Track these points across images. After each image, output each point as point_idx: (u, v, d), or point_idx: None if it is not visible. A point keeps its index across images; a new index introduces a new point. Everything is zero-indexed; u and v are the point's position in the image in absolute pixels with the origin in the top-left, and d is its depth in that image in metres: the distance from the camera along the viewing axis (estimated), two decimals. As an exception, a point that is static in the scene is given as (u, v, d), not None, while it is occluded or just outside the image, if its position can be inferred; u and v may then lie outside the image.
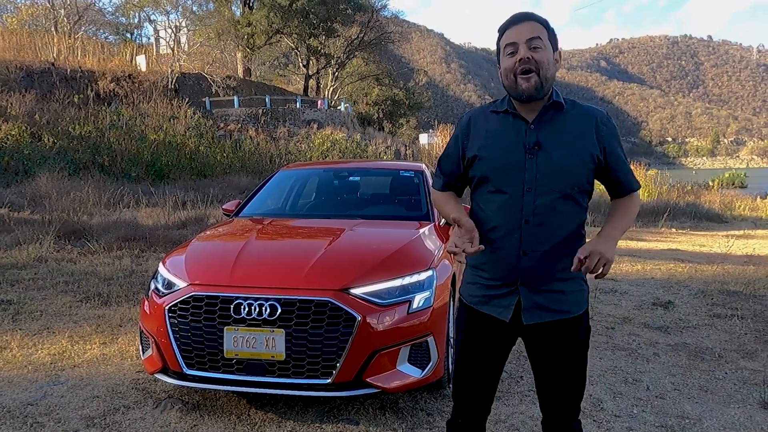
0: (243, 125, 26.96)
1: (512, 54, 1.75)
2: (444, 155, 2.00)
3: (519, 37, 1.75)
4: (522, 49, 1.73)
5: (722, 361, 3.99)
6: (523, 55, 1.73)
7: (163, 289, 3.10)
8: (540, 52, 1.73)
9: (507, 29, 1.79)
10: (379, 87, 45.19)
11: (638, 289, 6.16)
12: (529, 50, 1.73)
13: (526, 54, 1.72)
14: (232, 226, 4.04)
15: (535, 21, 1.77)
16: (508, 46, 1.76)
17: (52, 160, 14.59)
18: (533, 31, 1.74)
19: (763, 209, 18.11)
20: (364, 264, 3.08)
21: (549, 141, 1.78)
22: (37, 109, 18.12)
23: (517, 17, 1.79)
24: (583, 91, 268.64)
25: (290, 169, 5.23)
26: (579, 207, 1.81)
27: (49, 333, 4.34)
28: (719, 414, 3.18)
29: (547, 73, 1.74)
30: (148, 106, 22.65)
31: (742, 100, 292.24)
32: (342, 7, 36.65)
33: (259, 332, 2.77)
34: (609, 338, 4.46)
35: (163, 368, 2.99)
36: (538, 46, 1.73)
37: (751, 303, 5.46)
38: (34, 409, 3.10)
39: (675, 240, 11.00)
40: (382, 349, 2.81)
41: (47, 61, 23.95)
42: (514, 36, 1.76)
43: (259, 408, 3.10)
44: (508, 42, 1.77)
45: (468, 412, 1.98)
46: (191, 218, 9.72)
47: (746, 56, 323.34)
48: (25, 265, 6.42)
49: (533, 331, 1.85)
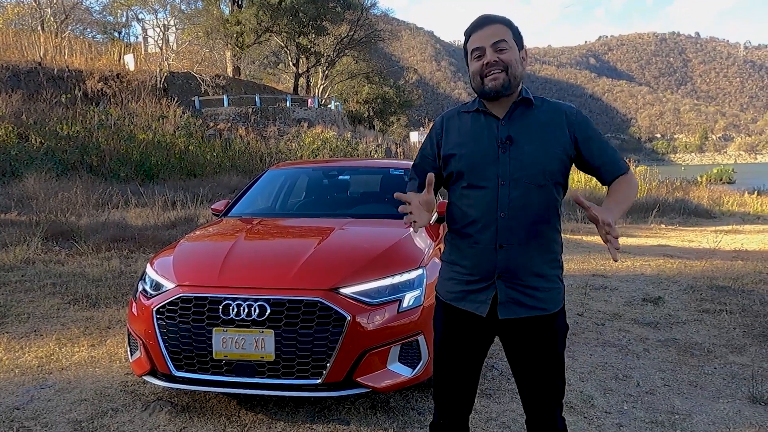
0: (233, 124, 26.84)
1: (479, 57, 1.82)
2: (420, 157, 2.04)
3: (485, 41, 1.81)
4: (488, 52, 1.80)
5: (711, 356, 4.02)
6: (489, 59, 1.79)
7: (150, 290, 3.07)
8: (506, 53, 1.80)
9: (473, 33, 1.85)
10: (369, 85, 45.19)
11: (628, 285, 6.19)
12: (495, 53, 1.79)
13: (492, 58, 1.79)
14: (220, 226, 4.01)
15: (499, 23, 1.83)
16: (475, 50, 1.83)
17: (40, 160, 14.42)
18: (498, 35, 1.80)
19: (751, 204, 18.25)
20: (354, 263, 3.06)
21: (520, 135, 1.82)
22: (24, 109, 17.92)
23: (481, 21, 1.84)
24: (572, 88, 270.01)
25: (279, 168, 5.20)
26: (553, 199, 1.84)
27: (37, 336, 4.29)
28: (708, 409, 3.20)
29: (515, 71, 1.81)
30: (137, 105, 22.48)
31: (729, 96, 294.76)
32: (332, 5, 36.57)
33: (249, 333, 2.75)
34: (599, 334, 4.47)
35: (151, 370, 2.96)
36: (504, 48, 1.80)
37: (739, 298, 5.50)
38: (21, 414, 3.06)
39: (664, 236, 11.06)
40: (373, 348, 2.80)
41: (34, 60, 23.72)
42: (480, 40, 1.82)
43: (249, 409, 3.08)
44: (475, 46, 1.83)
45: (449, 412, 1.98)
46: (181, 218, 9.65)
47: (733, 53, 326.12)
48: (12, 267, 6.35)
49: (509, 328, 1.86)
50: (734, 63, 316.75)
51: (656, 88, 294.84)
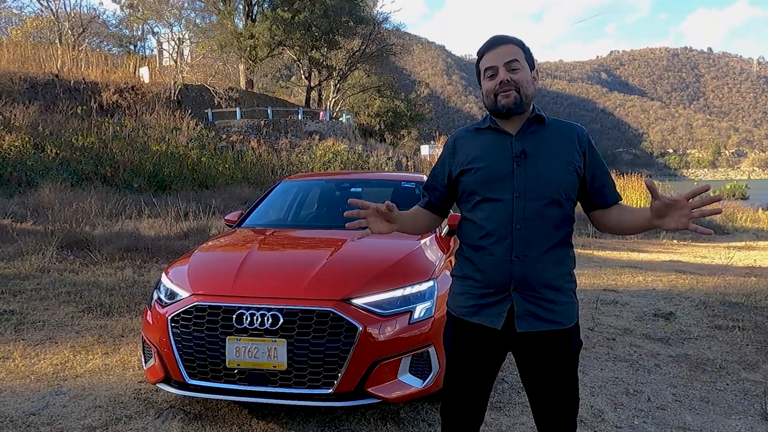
0: (245, 136, 27.09)
1: (492, 77, 1.86)
2: (431, 176, 2.09)
3: (498, 60, 1.85)
4: (501, 71, 1.84)
5: (723, 373, 3.99)
6: (503, 77, 1.84)
7: (165, 299, 3.12)
8: (519, 73, 1.84)
9: (486, 53, 1.89)
10: (380, 99, 45.39)
11: (639, 300, 6.16)
12: (508, 72, 1.83)
13: (505, 77, 1.83)
14: (234, 236, 4.07)
15: (512, 44, 1.87)
16: (488, 69, 1.87)
17: (55, 170, 14.63)
18: (511, 54, 1.85)
19: (765, 221, 18.09)
20: (366, 274, 3.09)
21: (534, 150, 1.86)
22: (41, 120, 18.21)
23: (494, 41, 1.88)
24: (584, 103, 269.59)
25: (292, 180, 5.26)
26: (566, 214, 1.87)
27: (52, 343, 4.35)
28: (720, 425, 3.18)
29: (527, 90, 1.85)
30: (151, 117, 22.77)
31: (742, 111, 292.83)
32: (344, 20, 36.92)
33: (261, 342, 2.78)
34: (610, 349, 4.46)
35: (165, 378, 3.00)
36: (517, 68, 1.84)
37: (752, 314, 5.46)
38: (37, 419, 3.11)
39: (676, 251, 10.99)
40: (384, 359, 2.82)
41: (51, 72, 24.12)
42: (493, 60, 1.86)
43: (261, 418, 3.10)
44: (488, 66, 1.87)
45: (458, 428, 1.97)
46: (193, 229, 9.74)
47: (746, 68, 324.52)
48: (27, 275, 6.44)
49: (524, 342, 1.85)
50: (747, 78, 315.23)
51: (668, 103, 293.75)
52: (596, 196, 1.93)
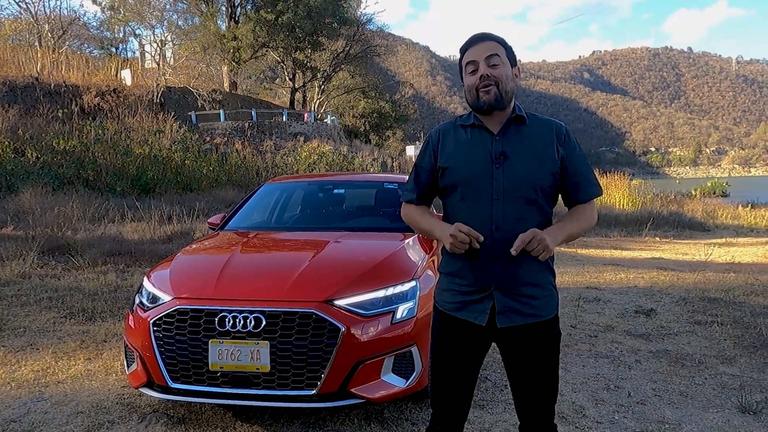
0: (229, 139, 26.94)
1: (473, 72, 1.89)
2: (418, 168, 2.07)
3: (478, 55, 1.89)
4: (482, 66, 1.88)
5: (702, 367, 4.06)
6: (483, 71, 1.87)
7: (147, 303, 3.11)
8: (498, 69, 1.88)
9: (467, 49, 1.92)
10: (365, 100, 45.40)
11: (621, 297, 6.25)
12: (488, 67, 1.87)
13: (486, 71, 1.87)
14: (217, 239, 4.06)
15: (493, 40, 1.91)
16: (469, 64, 1.90)
17: (36, 175, 14.42)
18: (491, 49, 1.89)
19: (745, 218, 18.37)
20: (348, 275, 3.11)
21: (514, 151, 1.89)
22: (21, 124, 17.95)
23: (475, 38, 1.92)
24: (567, 103, 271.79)
25: (276, 182, 5.26)
26: (545, 212, 1.91)
27: (33, 349, 4.31)
28: (698, 419, 3.24)
29: (506, 86, 1.88)
30: (134, 120, 22.55)
31: (722, 110, 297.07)
32: (328, 21, 36.90)
33: (244, 345, 2.78)
34: (592, 346, 4.52)
35: (148, 382, 2.99)
36: (497, 63, 1.88)
37: (730, 310, 5.56)
38: (18, 426, 3.08)
39: (658, 249, 11.14)
40: (367, 359, 2.84)
41: (31, 75, 23.81)
42: (474, 55, 1.90)
43: (245, 420, 3.11)
44: (469, 60, 1.91)
45: (445, 418, 2.03)
46: (177, 232, 9.67)
47: (726, 67, 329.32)
48: (8, 281, 6.36)
49: (507, 335, 1.91)
50: (727, 77, 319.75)
51: (650, 102, 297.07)
52: (570, 191, 1.96)
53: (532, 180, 1.86)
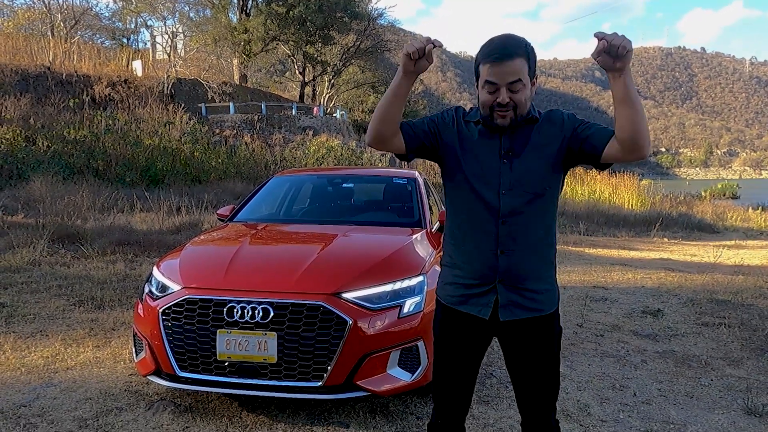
0: (238, 131, 26.97)
1: (491, 93, 1.80)
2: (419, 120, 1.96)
3: (501, 79, 1.77)
4: (503, 92, 1.77)
5: (708, 369, 4.05)
6: (502, 99, 1.78)
7: (157, 292, 3.13)
8: (519, 93, 1.79)
9: (491, 65, 1.77)
10: (374, 94, 45.30)
11: (628, 297, 6.23)
12: (509, 92, 1.78)
13: (506, 98, 1.78)
14: (226, 230, 4.08)
15: (519, 57, 1.75)
16: (489, 83, 1.79)
17: (47, 164, 14.53)
18: (515, 74, 1.76)
19: (755, 220, 18.25)
20: (356, 269, 3.12)
21: (522, 147, 1.87)
22: (32, 113, 18.07)
23: (501, 54, 1.76)
24: (577, 101, 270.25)
25: (285, 175, 5.28)
26: (550, 207, 1.91)
27: (43, 336, 4.35)
28: (703, 420, 3.23)
29: (523, 110, 1.82)
30: (144, 111, 22.63)
31: (734, 111, 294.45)
32: (339, 15, 36.83)
33: (252, 335, 2.81)
34: (598, 345, 4.51)
35: (156, 370, 3.02)
36: (519, 89, 1.78)
37: (738, 312, 5.53)
38: (27, 411, 3.12)
39: (666, 249, 11.08)
40: (373, 352, 2.86)
41: (43, 65, 23.94)
42: (496, 77, 1.77)
43: (251, 410, 3.13)
44: (489, 80, 1.78)
45: (447, 411, 2.04)
46: (185, 223, 9.73)
47: (739, 68, 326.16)
48: (18, 268, 6.43)
49: (509, 329, 1.92)
50: (740, 78, 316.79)
51: (661, 102, 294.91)
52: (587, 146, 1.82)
53: (539, 176, 1.86)
